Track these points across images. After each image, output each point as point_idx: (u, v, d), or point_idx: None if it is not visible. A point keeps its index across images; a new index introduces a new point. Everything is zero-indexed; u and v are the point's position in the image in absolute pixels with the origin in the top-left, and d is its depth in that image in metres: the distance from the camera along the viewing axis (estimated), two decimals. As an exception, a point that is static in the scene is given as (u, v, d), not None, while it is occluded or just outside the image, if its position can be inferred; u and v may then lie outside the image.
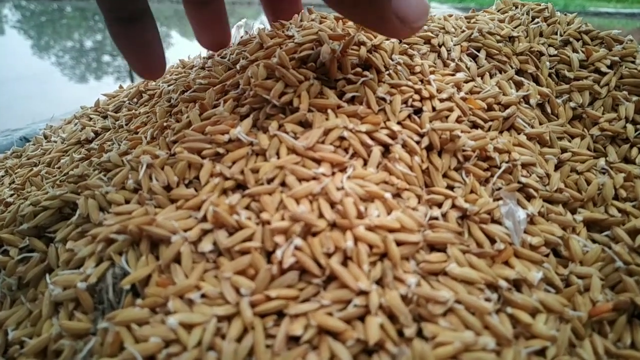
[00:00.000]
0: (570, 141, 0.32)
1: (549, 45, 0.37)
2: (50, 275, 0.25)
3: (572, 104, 0.34)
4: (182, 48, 4.44)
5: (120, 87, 0.48)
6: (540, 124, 0.32)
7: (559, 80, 0.35)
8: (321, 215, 0.22)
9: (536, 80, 0.35)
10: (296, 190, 0.23)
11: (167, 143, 0.28)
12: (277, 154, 0.25)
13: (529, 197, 0.27)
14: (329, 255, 0.21)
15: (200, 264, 0.22)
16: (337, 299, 0.20)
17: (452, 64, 0.33)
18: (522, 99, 0.32)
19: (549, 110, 0.33)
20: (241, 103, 0.29)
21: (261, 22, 0.55)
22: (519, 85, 0.33)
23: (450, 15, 0.52)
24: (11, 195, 0.37)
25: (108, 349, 0.20)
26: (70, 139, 0.40)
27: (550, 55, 0.36)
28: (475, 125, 0.29)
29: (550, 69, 0.35)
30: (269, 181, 0.24)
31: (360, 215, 0.22)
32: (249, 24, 0.43)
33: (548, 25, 0.38)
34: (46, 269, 0.26)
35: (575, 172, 0.30)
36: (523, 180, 0.27)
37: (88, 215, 0.25)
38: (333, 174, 0.25)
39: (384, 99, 0.28)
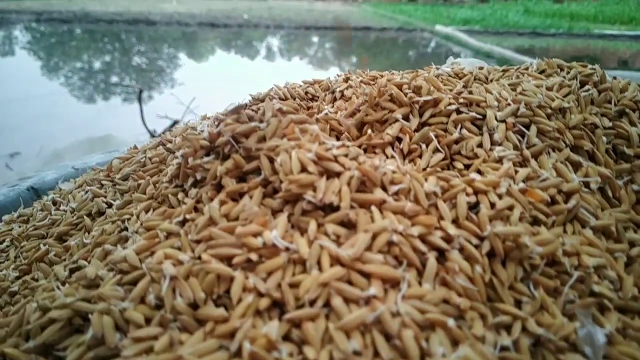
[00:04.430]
0: (636, 231, 0.29)
1: (602, 115, 0.34)
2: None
3: (634, 187, 0.30)
4: (189, 69, 4.48)
5: (136, 147, 0.45)
6: (602, 209, 0.29)
7: (617, 157, 0.32)
8: (376, 354, 0.19)
9: (592, 158, 0.32)
10: (346, 322, 0.20)
11: (190, 243, 0.25)
12: (319, 263, 0.22)
13: (603, 309, 0.24)
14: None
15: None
16: None
17: (499, 147, 0.30)
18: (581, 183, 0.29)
19: (609, 193, 0.30)
20: (269, 192, 0.26)
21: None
22: (576, 167, 0.30)
23: (481, 68, 0.49)
24: (17, 278, 0.34)
25: None
26: (80, 209, 0.37)
27: (605, 128, 0.33)
28: (536, 220, 0.26)
29: (607, 143, 0.32)
30: (312, 303, 0.21)
31: (422, 355, 0.19)
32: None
33: (599, 92, 0.35)
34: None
35: (648, 271, 0.26)
36: (596, 289, 0.24)
37: (102, 335, 0.22)
38: (385, 291, 0.21)
39: (434, 193, 0.25)
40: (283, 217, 0.24)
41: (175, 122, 1.86)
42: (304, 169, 0.25)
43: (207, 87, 3.49)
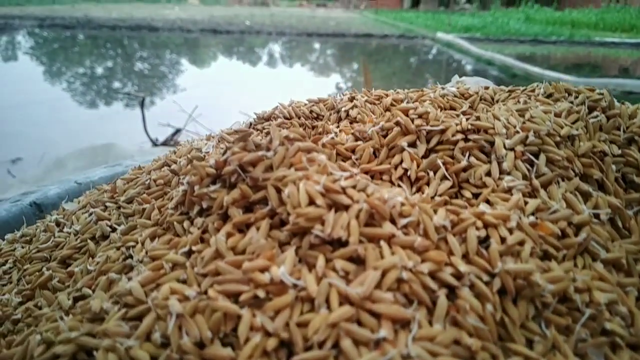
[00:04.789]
0: (647, 263, 0.28)
1: (611, 142, 0.34)
2: None
3: (645, 216, 0.30)
4: (191, 75, 4.50)
5: (140, 168, 0.45)
6: (612, 240, 0.29)
7: (626, 186, 0.32)
8: (388, 401, 0.19)
9: (601, 186, 0.32)
10: (356, 366, 0.19)
11: (196, 276, 0.25)
12: (328, 302, 0.22)
13: (615, 347, 0.24)
14: None
15: None
16: None
17: (508, 176, 0.30)
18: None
19: (619, 224, 0.30)
20: (276, 223, 0.26)
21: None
22: (585, 197, 0.30)
23: (487, 88, 0.49)
24: (20, 304, 0.33)
25: None
26: (84, 232, 0.37)
27: (614, 155, 0.33)
28: (547, 255, 0.26)
29: (616, 172, 0.32)
30: (320, 344, 0.21)
31: (434, 402, 0.19)
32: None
33: (608, 118, 0.35)
34: None
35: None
36: (608, 326, 0.24)
37: (107, 374, 0.22)
38: (395, 332, 0.21)
39: (444, 227, 0.25)
40: (291, 251, 0.24)
41: (178, 131, 1.87)
42: (312, 202, 0.25)
43: (209, 94, 3.50)
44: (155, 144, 1.81)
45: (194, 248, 0.27)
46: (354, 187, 0.26)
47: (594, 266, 0.27)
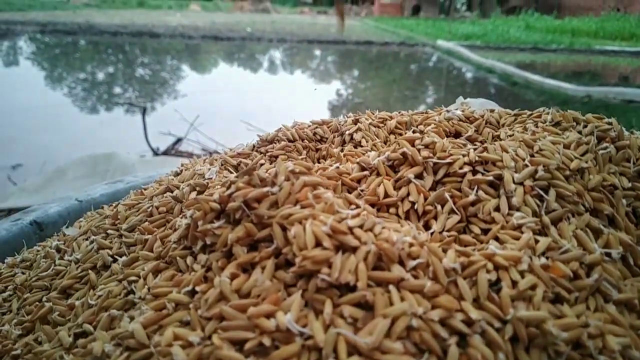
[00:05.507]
0: (660, 303, 0.28)
1: (621, 175, 0.33)
2: None
3: (657, 253, 0.29)
4: (192, 81, 4.51)
5: (142, 192, 0.44)
6: (624, 278, 0.28)
7: (637, 220, 0.31)
8: None
9: (612, 221, 0.31)
10: None
11: (200, 319, 0.24)
12: (335, 351, 0.21)
13: (630, 395, 0.23)
14: None
15: None
16: None
17: (518, 213, 0.29)
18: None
19: (630, 261, 0.29)
20: (281, 262, 0.26)
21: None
22: (596, 233, 0.29)
23: (492, 111, 0.49)
24: (20, 336, 0.33)
25: None
26: (85, 261, 0.36)
27: (624, 189, 0.32)
28: (558, 298, 0.25)
29: (626, 205, 0.32)
30: (329, 399, 0.20)
31: None
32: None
33: (617, 149, 0.34)
34: None
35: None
36: (622, 374, 0.23)
37: None
38: (405, 385, 0.20)
39: (454, 270, 0.24)
40: (297, 296, 0.23)
41: (179, 140, 1.86)
42: (318, 244, 0.25)
43: (210, 100, 3.51)
44: (156, 153, 1.80)
45: (197, 288, 0.26)
46: (361, 226, 0.26)
47: (606, 308, 0.26)
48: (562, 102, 3.65)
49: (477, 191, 0.31)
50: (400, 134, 0.46)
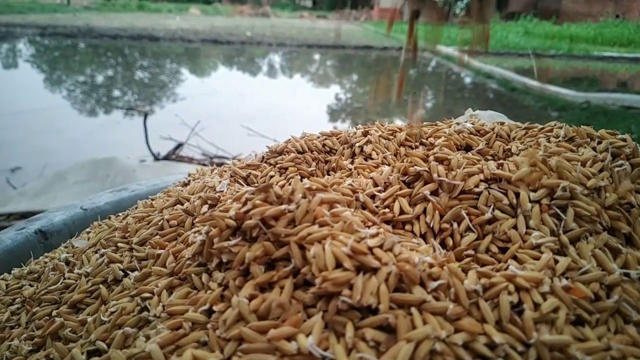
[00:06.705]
0: (679, 323, 0.27)
1: (637, 192, 0.33)
2: None
3: (675, 273, 0.29)
4: (192, 85, 4.51)
5: (151, 204, 0.44)
6: (642, 298, 0.28)
7: (654, 239, 0.31)
8: None
9: (629, 239, 0.31)
10: None
11: (218, 340, 0.24)
12: (358, 376, 0.21)
13: (654, 420, 0.23)
14: None
15: None
16: None
17: (536, 232, 0.29)
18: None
19: (649, 280, 0.29)
20: (299, 282, 0.25)
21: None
22: (615, 253, 0.29)
23: (502, 123, 0.49)
24: (31, 352, 0.32)
25: None
26: (95, 275, 0.36)
27: (640, 207, 0.32)
28: (579, 319, 0.25)
29: (643, 223, 0.31)
30: None
31: None
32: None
33: (632, 166, 0.34)
34: None
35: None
36: (646, 399, 0.23)
37: None
38: (429, 411, 0.20)
39: (476, 292, 0.24)
40: (318, 319, 0.23)
41: (180, 145, 1.86)
42: (338, 264, 0.24)
43: (210, 104, 3.51)
44: (157, 158, 1.80)
45: (214, 307, 0.26)
46: (380, 246, 0.26)
47: (626, 329, 0.26)
48: (560, 107, 3.66)
49: (493, 210, 0.31)
50: (410, 147, 0.46)
